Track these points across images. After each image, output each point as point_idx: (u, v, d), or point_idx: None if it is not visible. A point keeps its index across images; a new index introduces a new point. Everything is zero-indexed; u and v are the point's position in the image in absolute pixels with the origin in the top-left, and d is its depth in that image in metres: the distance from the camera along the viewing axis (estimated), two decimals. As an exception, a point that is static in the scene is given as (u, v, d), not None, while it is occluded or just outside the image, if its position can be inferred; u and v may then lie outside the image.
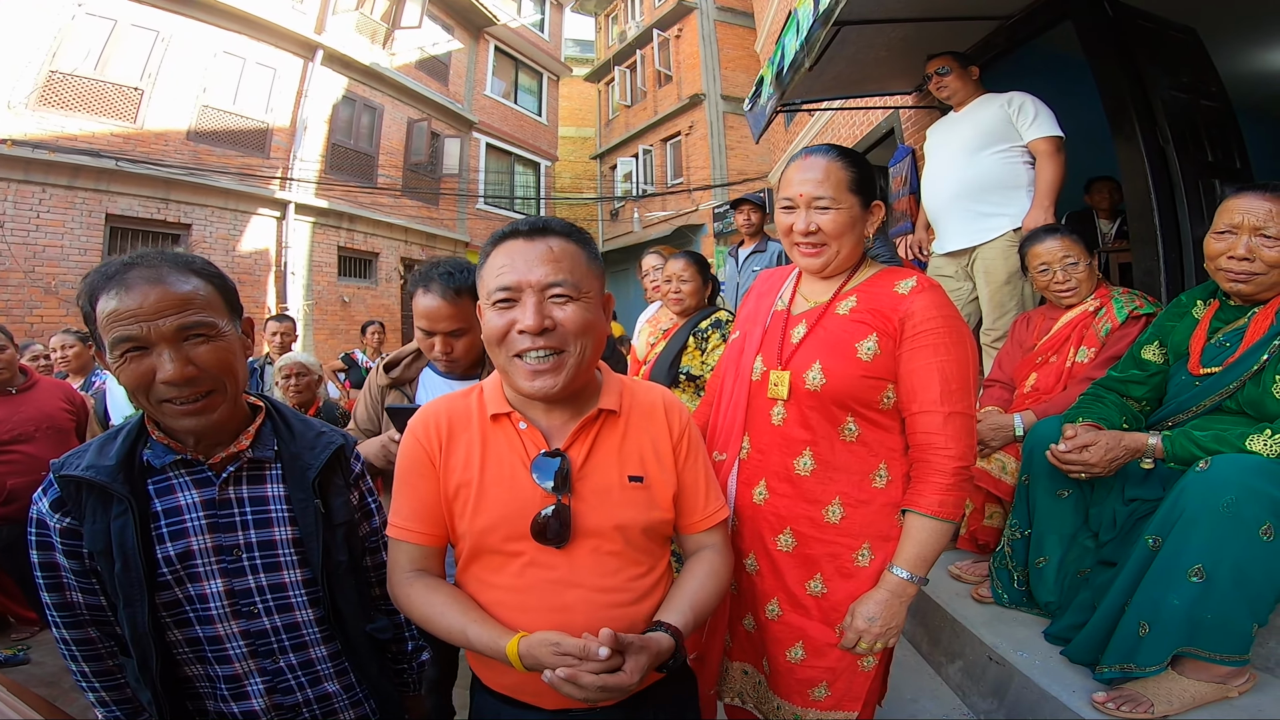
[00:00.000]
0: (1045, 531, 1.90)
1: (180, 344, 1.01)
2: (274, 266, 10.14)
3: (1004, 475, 2.20)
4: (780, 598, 1.38)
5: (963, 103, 3.07)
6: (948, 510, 1.26)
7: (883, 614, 1.27)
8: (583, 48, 22.69)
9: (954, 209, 3.02)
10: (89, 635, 1.08)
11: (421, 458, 1.12)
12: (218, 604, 1.08)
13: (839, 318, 1.37)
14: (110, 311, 0.99)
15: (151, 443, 1.09)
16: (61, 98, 7.98)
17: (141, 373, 1.01)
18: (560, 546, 1.06)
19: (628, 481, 1.12)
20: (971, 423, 1.30)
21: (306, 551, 1.14)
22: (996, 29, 3.83)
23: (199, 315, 1.04)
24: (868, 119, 6.39)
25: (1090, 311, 2.27)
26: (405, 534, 1.12)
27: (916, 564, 1.28)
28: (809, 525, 1.35)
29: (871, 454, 1.34)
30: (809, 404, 1.34)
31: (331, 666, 1.19)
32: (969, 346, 1.33)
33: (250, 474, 1.13)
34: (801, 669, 1.36)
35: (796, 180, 1.38)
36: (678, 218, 15.46)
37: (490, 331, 1.08)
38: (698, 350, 2.48)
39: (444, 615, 1.06)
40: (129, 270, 1.02)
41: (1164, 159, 2.93)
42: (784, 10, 10.50)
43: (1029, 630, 1.99)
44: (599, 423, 1.13)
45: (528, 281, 1.05)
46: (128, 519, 1.01)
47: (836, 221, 1.35)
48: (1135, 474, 1.69)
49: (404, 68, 12.52)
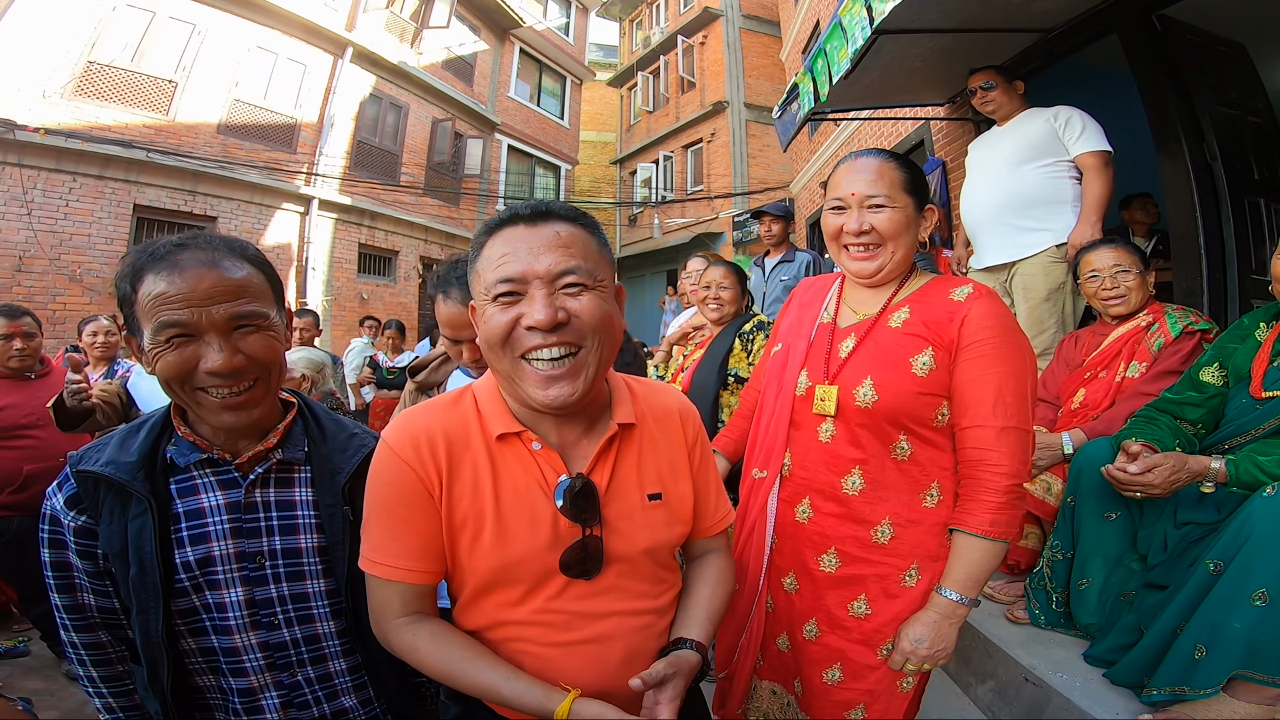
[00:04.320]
0: (1090, 553, 1.86)
1: (230, 333, 0.96)
2: (295, 261, 10.24)
3: (1048, 496, 2.14)
4: (819, 618, 1.34)
5: (1007, 117, 3.03)
6: (999, 530, 1.20)
7: (931, 636, 1.23)
8: (606, 52, 22.79)
9: (994, 224, 2.97)
10: (100, 639, 1.02)
11: (416, 487, 0.94)
12: (236, 613, 1.01)
13: (891, 331, 1.31)
14: (158, 294, 0.93)
15: (176, 439, 1.02)
16: (97, 88, 8.11)
17: (184, 361, 0.94)
18: (590, 579, 0.97)
19: (647, 501, 1.02)
20: (1028, 439, 1.23)
21: (332, 561, 1.08)
22: (1036, 42, 3.78)
23: (253, 304, 0.99)
24: (897, 130, 6.34)
25: (1142, 327, 2.22)
26: (400, 574, 0.95)
27: (967, 585, 1.22)
28: (856, 546, 1.30)
29: (924, 473, 1.29)
30: (859, 421, 1.29)
31: (350, 680, 1.13)
32: (1028, 358, 1.26)
33: (279, 476, 1.07)
34: (838, 690, 1.32)
35: (847, 181, 1.33)
36: (697, 225, 15.45)
37: (491, 331, 0.92)
38: (744, 352, 2.48)
39: (465, 670, 0.93)
40: (181, 251, 0.97)
41: (1210, 176, 2.88)
42: (810, 20, 10.51)
43: (1067, 652, 1.95)
44: (618, 439, 1.02)
45: (534, 271, 0.90)
46: (146, 520, 0.95)
47: (893, 221, 1.30)
48: (1189, 497, 1.66)
49: (430, 67, 12.63)
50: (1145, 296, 2.28)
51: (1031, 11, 3.42)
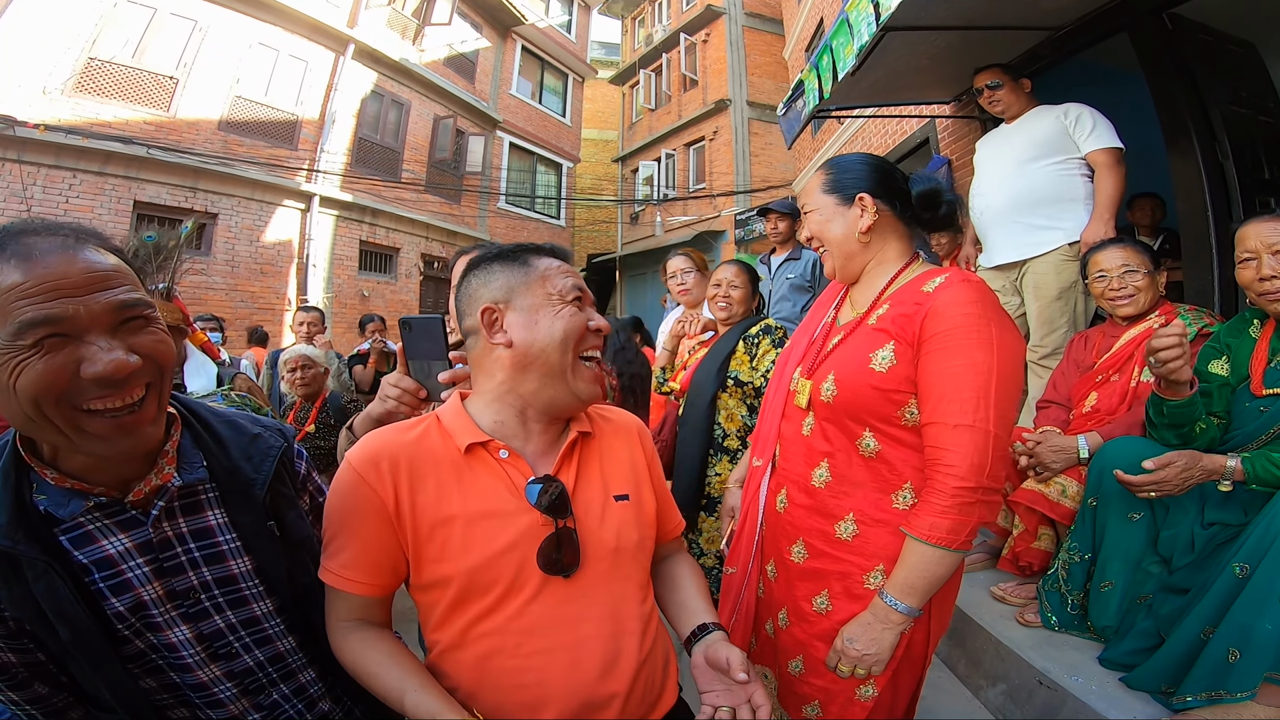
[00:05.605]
0: (1111, 556, 1.84)
1: (116, 328, 0.80)
2: (296, 258, 10.21)
3: (1063, 499, 2.11)
4: (789, 608, 1.35)
5: (1015, 115, 3.00)
6: (939, 535, 1.11)
7: (862, 636, 1.17)
8: (608, 50, 22.74)
9: (1005, 222, 2.95)
10: (38, 692, 0.86)
11: (371, 502, 0.97)
12: (190, 650, 0.92)
13: (867, 328, 1.30)
14: (12, 286, 0.73)
15: (40, 484, 0.83)
16: (98, 85, 8.08)
17: (60, 368, 0.75)
18: (570, 574, 0.99)
19: (614, 501, 1.08)
20: (986, 439, 1.11)
21: (271, 580, 1.00)
22: (1044, 40, 3.76)
23: (137, 293, 0.82)
24: (901, 128, 6.31)
25: (1154, 328, 2.17)
26: (344, 583, 0.98)
27: (904, 591, 1.15)
28: (820, 539, 1.30)
29: (894, 472, 1.24)
30: (824, 415, 1.31)
31: (322, 686, 1.08)
32: (999, 351, 1.14)
33: (184, 503, 0.93)
34: (798, 683, 1.32)
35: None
36: (699, 223, 15.42)
37: (569, 330, 1.04)
38: (747, 355, 2.44)
39: (379, 675, 0.95)
40: (29, 235, 0.78)
41: (1222, 175, 2.86)
42: (814, 18, 10.47)
43: (1082, 655, 1.92)
44: (579, 445, 1.10)
45: (584, 289, 1.10)
46: (53, 581, 0.80)
47: (814, 222, 1.39)
48: (1215, 497, 1.64)
49: (432, 64, 12.59)
50: (1155, 297, 2.25)
51: (1041, 9, 3.40)
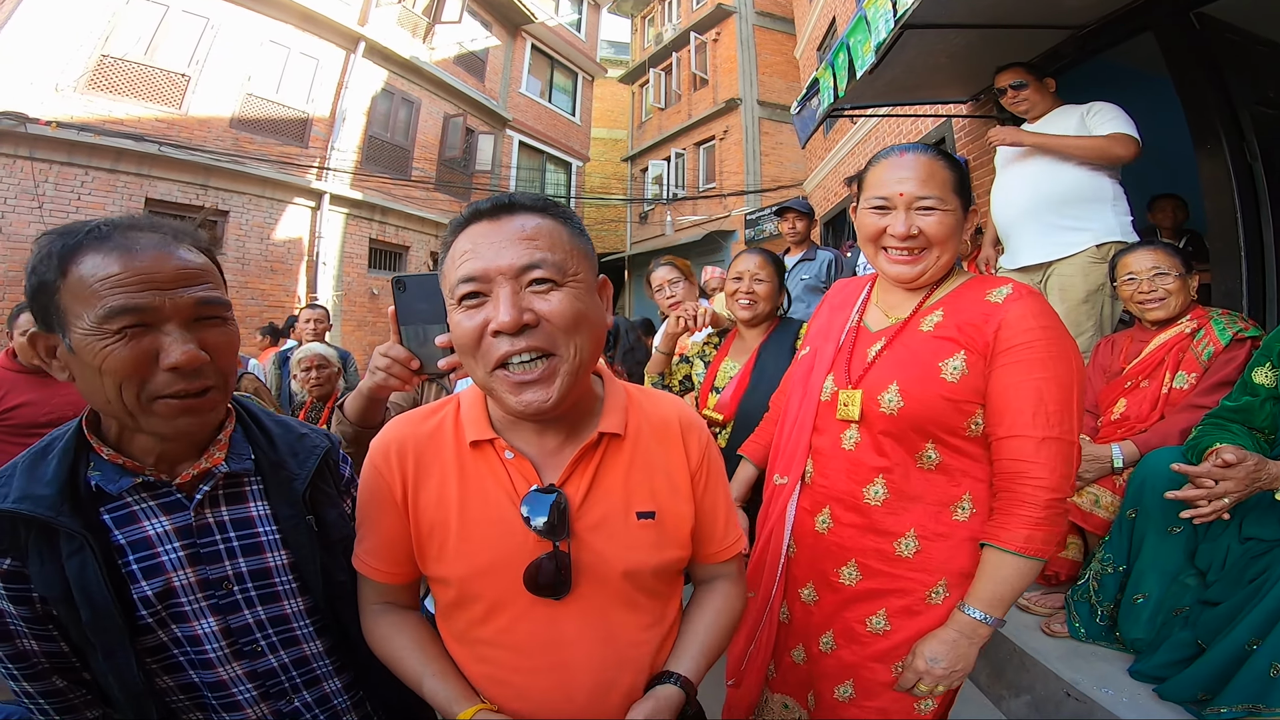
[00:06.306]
0: (1148, 568, 1.79)
1: (193, 323, 0.85)
2: (306, 256, 10.23)
3: (1096, 509, 2.06)
4: (836, 630, 1.28)
5: (1039, 116, 2.93)
6: (1035, 547, 1.10)
7: (948, 655, 1.14)
8: (617, 49, 22.72)
9: (1030, 222, 2.88)
10: (55, 685, 0.87)
11: (383, 490, 0.95)
12: (214, 645, 0.91)
13: (922, 335, 1.24)
14: (107, 275, 0.79)
15: (98, 461, 0.88)
16: (110, 82, 8.10)
17: (140, 355, 0.81)
18: (558, 599, 0.89)
19: (636, 519, 0.93)
20: (1072, 450, 1.14)
21: (305, 577, 0.99)
22: (1066, 39, 3.70)
23: (217, 291, 0.88)
24: (916, 127, 6.26)
25: (1186, 333, 2.13)
26: (368, 570, 0.98)
27: (993, 604, 1.13)
28: (877, 559, 1.24)
29: (953, 483, 1.21)
30: (883, 429, 1.22)
31: (348, 699, 1.05)
32: (1073, 363, 1.16)
33: (228, 492, 0.96)
34: (849, 708, 1.26)
35: (893, 179, 1.24)
36: (709, 223, 15.36)
37: (460, 339, 0.86)
38: None
39: (403, 659, 0.94)
40: (132, 230, 0.84)
41: (1251, 176, 2.80)
42: (826, 16, 10.40)
43: (1111, 666, 1.89)
44: (600, 449, 0.95)
45: (497, 268, 0.83)
46: (86, 558, 0.82)
47: (943, 224, 1.22)
48: (1255, 511, 1.59)
49: (442, 63, 12.59)
50: (1187, 301, 2.19)
51: (1064, 8, 3.35)
